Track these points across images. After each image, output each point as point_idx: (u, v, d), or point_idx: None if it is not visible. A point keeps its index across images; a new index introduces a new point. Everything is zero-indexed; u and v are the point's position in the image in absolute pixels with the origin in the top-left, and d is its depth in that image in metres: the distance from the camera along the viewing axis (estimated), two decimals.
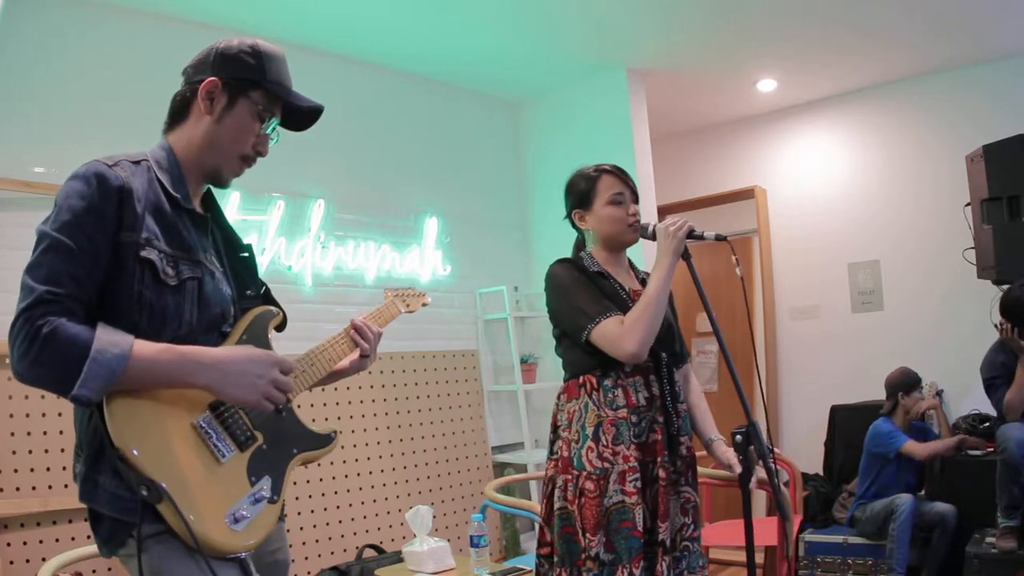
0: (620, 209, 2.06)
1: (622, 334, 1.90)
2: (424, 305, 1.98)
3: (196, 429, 1.27)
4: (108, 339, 1.18)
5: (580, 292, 1.99)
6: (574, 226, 2.20)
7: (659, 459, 1.95)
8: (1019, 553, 3.29)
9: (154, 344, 1.22)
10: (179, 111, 1.39)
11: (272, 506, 1.33)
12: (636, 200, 2.10)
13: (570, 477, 1.95)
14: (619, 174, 2.11)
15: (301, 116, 1.47)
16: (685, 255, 1.96)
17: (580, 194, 2.13)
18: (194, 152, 1.38)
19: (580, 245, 2.21)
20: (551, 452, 2.07)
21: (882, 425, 3.90)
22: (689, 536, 1.99)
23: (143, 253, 1.25)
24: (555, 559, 1.97)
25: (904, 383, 3.93)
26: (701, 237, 1.97)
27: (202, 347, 1.27)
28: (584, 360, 2.01)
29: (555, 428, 2.08)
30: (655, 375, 2.00)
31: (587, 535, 1.88)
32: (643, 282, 2.14)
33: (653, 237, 2.01)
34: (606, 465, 1.91)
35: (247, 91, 1.37)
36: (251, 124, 1.39)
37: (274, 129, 1.45)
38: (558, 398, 2.10)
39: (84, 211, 1.21)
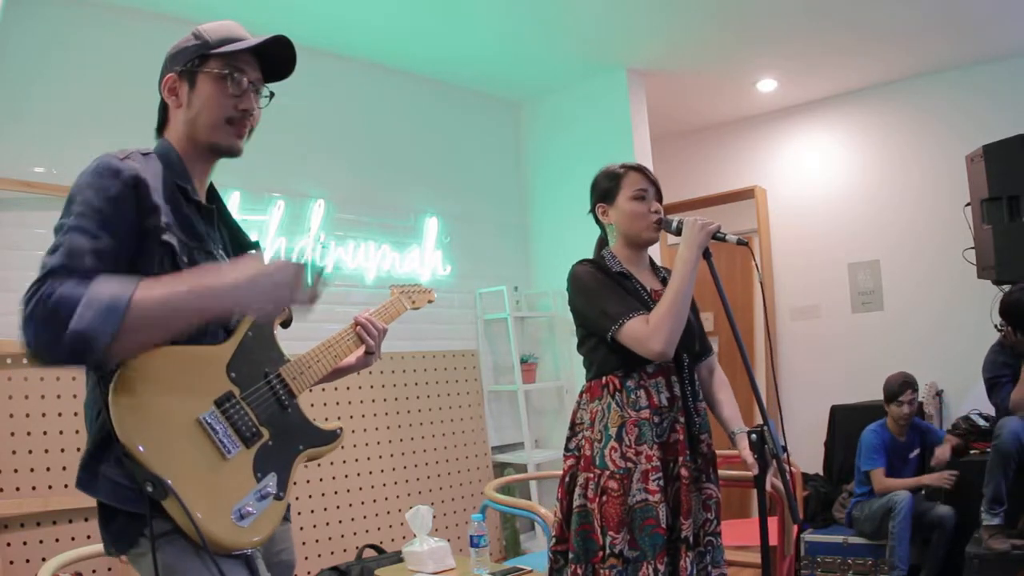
0: (643, 205, 2.09)
1: (649, 334, 1.92)
2: (430, 302, 1.97)
3: (201, 425, 1.27)
4: (111, 279, 1.15)
5: (603, 292, 2.02)
6: (597, 222, 2.22)
7: (681, 458, 1.98)
8: (1015, 553, 3.30)
9: (164, 280, 1.19)
10: (161, 118, 1.44)
11: (278, 502, 1.33)
12: (660, 199, 2.13)
13: (592, 475, 1.98)
14: (645, 172, 2.14)
15: (276, 62, 1.46)
16: (706, 253, 1.99)
17: (604, 188, 2.15)
18: (186, 142, 1.40)
19: (602, 243, 2.23)
20: (568, 448, 2.11)
21: (868, 436, 3.92)
22: (712, 531, 2.02)
23: (164, 237, 1.27)
24: (570, 555, 1.99)
25: (886, 393, 3.95)
26: (724, 239, 1.99)
27: (211, 275, 1.25)
28: (608, 360, 2.04)
29: (574, 425, 2.11)
30: (676, 376, 2.04)
31: (609, 533, 1.91)
32: (664, 281, 2.16)
33: (677, 232, 2.03)
34: (629, 465, 1.95)
35: (201, 67, 1.39)
36: (219, 90, 1.39)
37: (252, 85, 1.42)
38: (580, 396, 2.13)
39: (99, 201, 1.22)
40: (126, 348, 1.16)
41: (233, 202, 3.53)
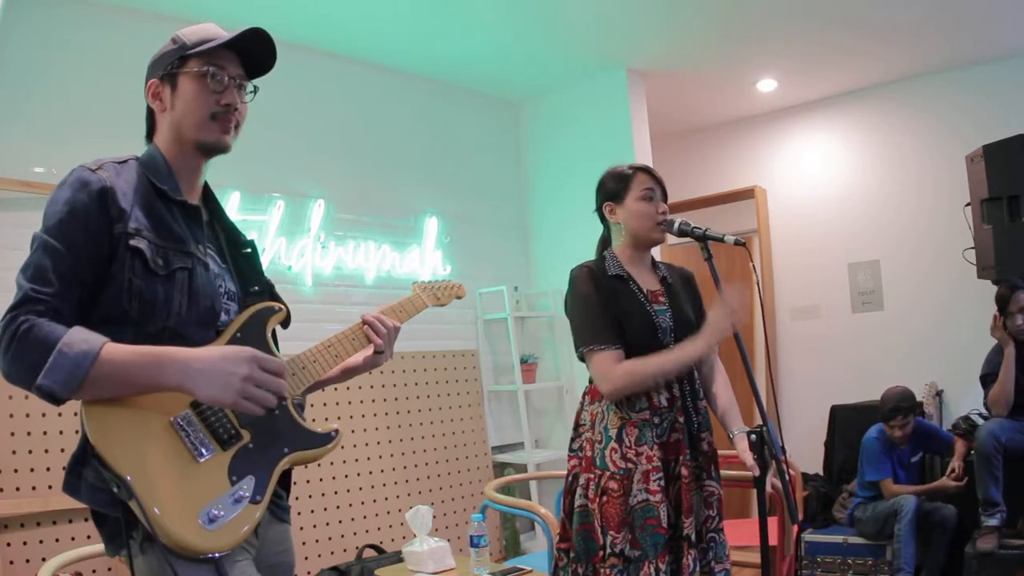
0: (651, 205, 2.11)
1: (608, 377, 1.99)
2: (459, 297, 1.88)
3: (173, 427, 1.26)
4: (79, 336, 1.20)
5: (589, 311, 2.05)
6: (603, 221, 2.24)
7: (681, 457, 2.01)
8: (1014, 553, 3.30)
9: (128, 346, 1.23)
10: (149, 124, 1.46)
11: (254, 506, 1.30)
12: (665, 200, 2.15)
13: (592, 476, 2.01)
14: (652, 173, 2.16)
15: (256, 57, 1.46)
16: (707, 257, 2.00)
17: (613, 187, 2.17)
18: (173, 144, 1.41)
19: (605, 242, 2.24)
20: (572, 449, 2.14)
21: (870, 444, 3.86)
22: (715, 528, 2.05)
23: (132, 242, 1.28)
24: (571, 555, 2.03)
25: (880, 410, 3.86)
26: (721, 239, 2.00)
27: (177, 347, 1.26)
28: None
29: (577, 426, 2.14)
30: (675, 376, 2.05)
31: (609, 533, 1.94)
32: (664, 280, 2.18)
33: (678, 233, 2.06)
34: (629, 465, 1.97)
35: (181, 68, 1.40)
36: (200, 88, 1.40)
37: (234, 80, 1.42)
38: (583, 397, 2.16)
39: (68, 214, 1.26)
40: (86, 397, 1.22)
41: (233, 202, 3.54)
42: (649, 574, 1.90)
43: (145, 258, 1.29)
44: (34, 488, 2.83)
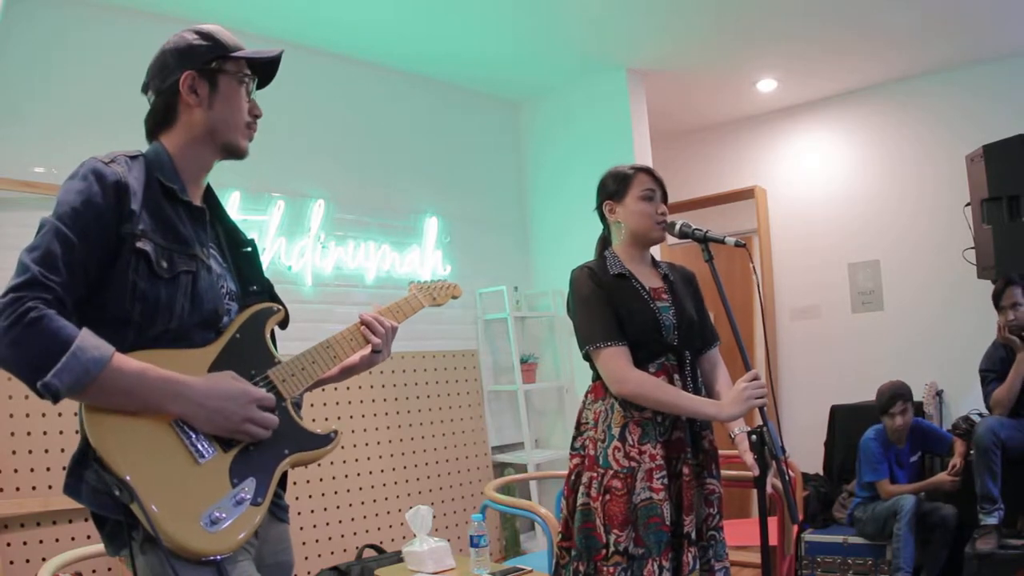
0: (651, 205, 2.12)
1: (622, 379, 1.98)
2: (454, 297, 1.91)
3: (174, 428, 1.26)
4: (92, 341, 1.19)
5: (591, 309, 2.06)
6: (602, 220, 2.25)
7: (682, 456, 2.01)
8: (1012, 553, 3.30)
9: (136, 363, 1.23)
10: (164, 117, 1.41)
11: (256, 508, 1.30)
12: (665, 201, 2.16)
13: (595, 475, 2.01)
14: (653, 174, 2.18)
15: (265, 72, 1.51)
16: (708, 259, 2.00)
17: (614, 186, 2.18)
18: (196, 141, 1.40)
19: (604, 242, 2.25)
20: (574, 447, 2.14)
21: (868, 444, 3.85)
22: (715, 526, 2.06)
23: (139, 244, 1.27)
24: (572, 552, 2.04)
25: (877, 404, 3.86)
26: (722, 241, 2.01)
27: (182, 376, 1.27)
28: None
29: (579, 425, 2.14)
30: (678, 374, 2.06)
31: (613, 531, 1.95)
32: (666, 278, 2.18)
33: (679, 235, 2.07)
34: (632, 464, 1.98)
35: (221, 68, 1.41)
36: (239, 93, 1.42)
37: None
38: (585, 396, 2.16)
39: (82, 205, 1.24)
40: (82, 401, 1.23)
41: (233, 202, 3.54)
42: (653, 571, 1.91)
43: (150, 260, 1.28)
44: (34, 488, 2.83)
